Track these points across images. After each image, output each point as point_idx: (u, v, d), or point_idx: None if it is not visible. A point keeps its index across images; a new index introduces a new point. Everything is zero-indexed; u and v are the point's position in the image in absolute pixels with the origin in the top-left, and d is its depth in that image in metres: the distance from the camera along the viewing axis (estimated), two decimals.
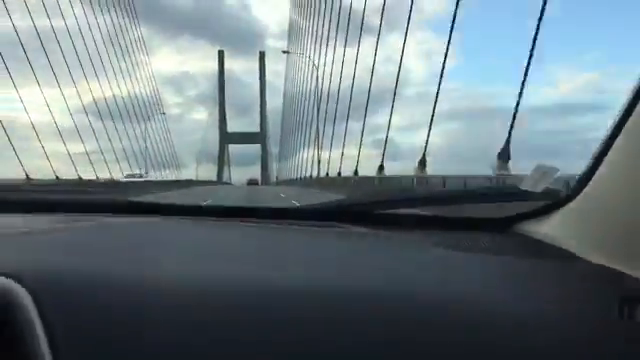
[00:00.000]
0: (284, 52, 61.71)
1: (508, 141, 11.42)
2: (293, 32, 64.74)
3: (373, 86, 25.39)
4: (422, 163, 16.44)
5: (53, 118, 28.61)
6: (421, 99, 66.69)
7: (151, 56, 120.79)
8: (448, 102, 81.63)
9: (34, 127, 26.12)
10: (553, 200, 0.86)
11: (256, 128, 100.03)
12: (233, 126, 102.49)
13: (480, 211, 1.08)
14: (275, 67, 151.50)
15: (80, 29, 33.69)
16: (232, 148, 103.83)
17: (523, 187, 0.92)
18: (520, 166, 11.19)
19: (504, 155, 11.28)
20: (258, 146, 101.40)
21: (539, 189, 0.89)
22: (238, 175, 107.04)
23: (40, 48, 26.95)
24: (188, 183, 48.24)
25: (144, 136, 49.19)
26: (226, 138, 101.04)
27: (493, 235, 0.96)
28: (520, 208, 0.96)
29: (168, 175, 60.15)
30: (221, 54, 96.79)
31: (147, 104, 53.42)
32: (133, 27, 49.55)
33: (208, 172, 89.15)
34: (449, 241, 0.87)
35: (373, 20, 28.68)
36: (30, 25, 25.95)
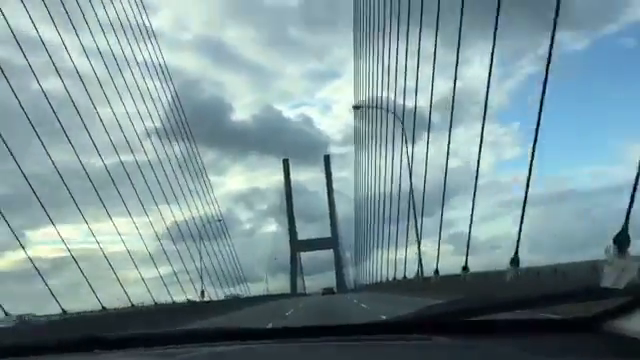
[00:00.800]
0: (355, 108, 55.78)
1: (627, 223, 9.87)
2: (358, 137, 65.58)
3: (441, 180, 24.52)
4: (515, 262, 14.78)
5: (125, 246, 28.94)
6: (492, 189, 65.24)
7: (222, 176, 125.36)
8: (524, 188, 79.56)
9: (106, 258, 26.31)
10: (636, 296, 0.86)
11: (327, 234, 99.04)
12: (303, 235, 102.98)
13: (566, 309, 1.13)
14: (340, 174, 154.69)
15: (149, 161, 35.01)
16: (304, 256, 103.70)
17: (604, 284, 0.93)
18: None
19: (622, 239, 9.70)
20: (331, 252, 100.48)
21: (622, 285, 0.89)
22: (313, 283, 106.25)
23: (110, 180, 27.82)
24: (265, 298, 48.41)
25: (214, 254, 49.80)
26: (297, 246, 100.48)
27: (582, 335, 0.99)
28: (606, 305, 0.97)
29: (242, 290, 60.27)
30: (286, 163, 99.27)
31: (218, 223, 54.42)
32: (202, 151, 51.74)
33: (282, 283, 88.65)
34: (539, 346, 0.89)
35: (437, 116, 28.36)
36: (99, 159, 26.99)
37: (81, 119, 25.00)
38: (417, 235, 30.70)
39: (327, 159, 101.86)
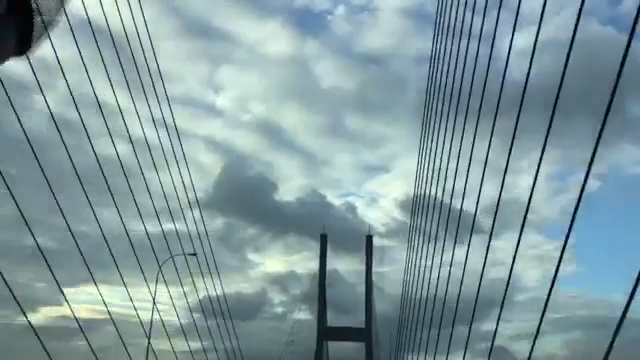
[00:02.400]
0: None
1: None
2: (403, 234, 63.94)
3: (483, 290, 23.16)
4: None
5: (160, 317, 28.44)
6: (537, 305, 62.03)
7: (258, 253, 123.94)
8: (565, 309, 76.04)
9: (143, 325, 25.82)
10: None
11: (359, 325, 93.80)
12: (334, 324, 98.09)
13: None
14: (380, 269, 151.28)
15: (190, 234, 35.12)
16: (332, 349, 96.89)
17: None
18: None
19: None
20: (362, 347, 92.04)
21: None
22: None
23: (156, 249, 27.74)
24: None
25: (241, 336, 48.17)
26: (325, 333, 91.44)
27: None
28: None
29: None
30: (324, 239, 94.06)
31: (251, 302, 53.31)
32: (242, 226, 51.59)
33: None
34: None
35: (484, 222, 27.38)
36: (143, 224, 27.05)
37: (128, 184, 25.47)
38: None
39: (369, 250, 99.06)
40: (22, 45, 0.84)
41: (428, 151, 45.31)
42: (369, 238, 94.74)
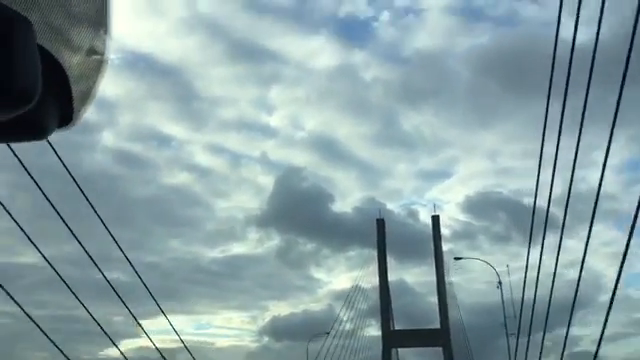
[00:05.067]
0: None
1: None
2: (465, 235, 60.68)
3: (560, 292, 22.07)
4: None
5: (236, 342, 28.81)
6: (621, 305, 59.15)
7: (320, 269, 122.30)
8: None
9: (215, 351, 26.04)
10: None
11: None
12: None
13: None
14: (450, 278, 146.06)
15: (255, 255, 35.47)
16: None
17: None
18: None
19: None
20: (439, 352, 79.92)
21: None
22: None
23: (223, 274, 28.23)
24: None
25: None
26: (391, 339, 76.20)
27: None
28: None
29: None
30: (380, 223, 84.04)
31: (319, 320, 52.77)
32: (302, 242, 51.30)
33: None
34: None
35: (557, 219, 26.23)
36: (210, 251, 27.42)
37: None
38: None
39: (436, 233, 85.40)
40: (64, 119, 0.85)
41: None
42: (435, 218, 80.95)
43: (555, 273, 20.52)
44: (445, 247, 76.90)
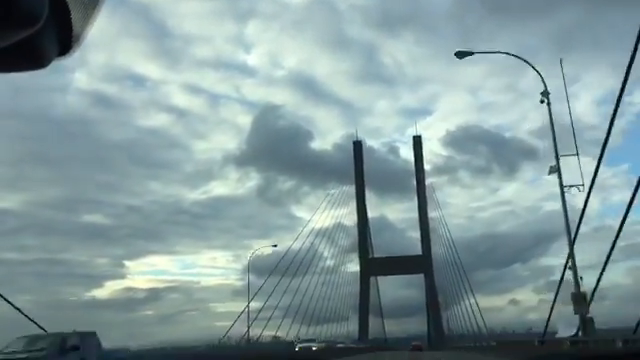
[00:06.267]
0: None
1: None
2: (446, 169, 61.11)
3: (539, 225, 22.69)
4: None
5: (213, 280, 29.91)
6: (597, 235, 60.82)
7: (301, 206, 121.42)
8: (631, 237, 73.85)
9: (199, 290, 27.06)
10: None
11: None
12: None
13: None
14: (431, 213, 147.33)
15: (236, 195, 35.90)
16: (385, 297, 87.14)
17: None
18: None
19: None
20: (420, 279, 78.27)
21: None
22: (396, 328, 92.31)
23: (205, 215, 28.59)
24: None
25: (290, 292, 48.56)
26: (370, 267, 78.55)
27: None
28: None
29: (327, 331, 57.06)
30: (357, 145, 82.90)
31: (305, 259, 53.84)
32: (283, 179, 51.90)
33: (353, 326, 76.17)
34: None
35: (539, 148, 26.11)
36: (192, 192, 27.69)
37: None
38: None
39: (417, 153, 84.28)
40: (63, 47, 0.84)
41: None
42: (417, 139, 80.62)
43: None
44: (427, 181, 78.00)
